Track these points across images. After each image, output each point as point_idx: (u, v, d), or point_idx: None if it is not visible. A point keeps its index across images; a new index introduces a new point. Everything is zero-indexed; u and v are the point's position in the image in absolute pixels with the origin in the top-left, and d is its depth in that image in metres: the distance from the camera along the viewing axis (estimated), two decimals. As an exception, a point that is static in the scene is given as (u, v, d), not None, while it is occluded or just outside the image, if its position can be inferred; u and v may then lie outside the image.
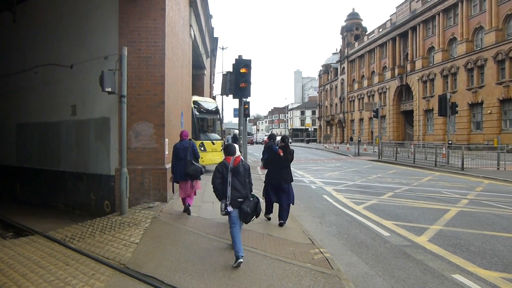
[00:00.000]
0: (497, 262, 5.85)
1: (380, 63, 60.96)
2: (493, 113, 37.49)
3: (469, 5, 41.34)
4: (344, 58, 74.33)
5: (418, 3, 49.67)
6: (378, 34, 60.70)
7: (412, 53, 51.57)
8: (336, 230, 7.90)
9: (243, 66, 9.90)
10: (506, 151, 22.48)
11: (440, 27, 45.42)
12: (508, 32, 37.09)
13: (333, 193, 12.71)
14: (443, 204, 10.44)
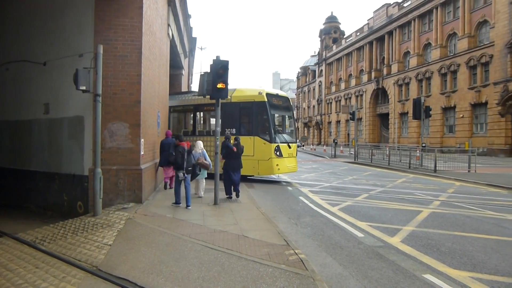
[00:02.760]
0: (466, 262, 6.01)
1: (357, 66, 61.84)
2: (465, 117, 38.53)
3: (443, 11, 42.38)
4: (322, 61, 75.08)
5: (394, 9, 50.63)
6: (355, 38, 61.57)
7: (389, 57, 52.52)
8: (311, 231, 7.96)
9: (221, 67, 9.86)
10: (477, 154, 23.17)
11: (416, 33, 46.41)
12: (480, 38, 38.20)
13: (309, 194, 12.81)
14: (416, 206, 10.66)
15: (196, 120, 18.61)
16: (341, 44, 68.12)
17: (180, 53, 22.73)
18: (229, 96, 15.61)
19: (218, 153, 10.60)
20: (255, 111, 15.59)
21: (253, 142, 15.28)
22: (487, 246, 6.83)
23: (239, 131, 15.59)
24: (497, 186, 14.97)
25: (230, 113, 15.85)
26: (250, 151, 15.09)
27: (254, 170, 15.39)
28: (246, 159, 14.58)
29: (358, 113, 40.37)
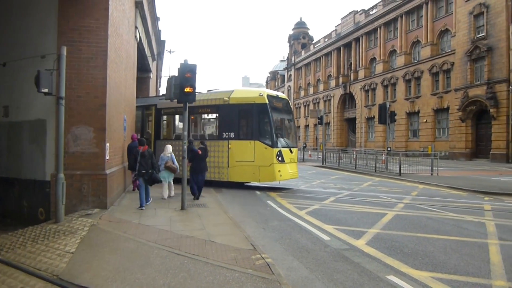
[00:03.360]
0: (427, 262, 6.18)
1: (326, 71, 62.86)
2: (428, 122, 39.82)
3: (407, 20, 43.73)
4: (291, 66, 75.88)
5: (361, 16, 51.83)
6: (323, 44, 62.59)
7: (356, 63, 53.68)
8: (278, 235, 7.99)
9: (188, 70, 9.79)
10: (439, 157, 23.96)
11: (382, 40, 47.68)
12: (441, 46, 39.63)
13: (277, 198, 12.87)
14: (381, 208, 10.90)
15: (189, 124, 16.75)
16: (309, 49, 69.10)
17: (148, 56, 22.44)
18: (226, 97, 15.10)
19: (185, 157, 10.49)
20: (255, 113, 14.69)
21: (253, 146, 14.46)
22: (447, 247, 7.05)
23: (238, 135, 14.83)
24: (457, 188, 15.51)
25: (228, 116, 15.08)
26: (250, 156, 14.46)
27: (255, 177, 14.68)
28: (246, 165, 14.54)
29: (326, 118, 40.99)
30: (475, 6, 33.64)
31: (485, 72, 32.74)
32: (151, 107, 18.44)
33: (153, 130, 18.23)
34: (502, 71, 31.18)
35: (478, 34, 33.68)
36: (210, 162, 14.69)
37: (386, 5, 46.56)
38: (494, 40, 32.02)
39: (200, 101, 15.54)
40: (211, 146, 14.90)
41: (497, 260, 6.27)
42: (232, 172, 14.81)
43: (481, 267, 5.94)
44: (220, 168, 15.01)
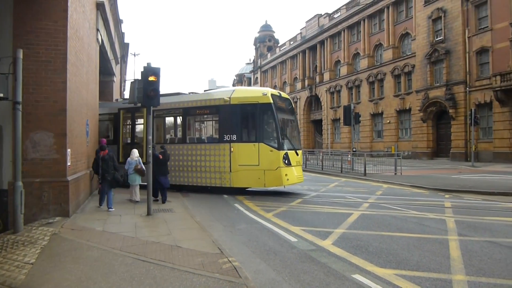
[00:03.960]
0: (391, 260, 6.33)
1: (292, 74, 63.51)
2: (391, 122, 40.92)
3: (370, 23, 44.83)
4: (257, 68, 76.23)
5: (325, 19, 52.71)
6: (289, 47, 63.22)
7: (321, 66, 54.52)
8: (246, 238, 7.98)
9: (152, 74, 9.64)
10: (402, 157, 24.65)
11: (345, 43, 48.65)
12: (403, 49, 40.86)
13: (244, 201, 12.86)
14: (347, 208, 11.09)
15: (186, 126, 16.07)
16: (275, 52, 69.69)
17: (111, 59, 21.96)
18: (227, 97, 14.26)
19: (150, 162, 10.30)
20: (259, 114, 13.88)
21: (257, 149, 13.62)
22: (410, 244, 7.25)
23: (240, 137, 13.96)
24: (419, 187, 16.00)
25: (229, 117, 14.18)
26: (254, 160, 13.62)
27: (260, 182, 13.80)
28: (250, 170, 13.73)
29: (293, 120, 41.34)
30: (434, 10, 34.90)
31: (444, 74, 33.99)
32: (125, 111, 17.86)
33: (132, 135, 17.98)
34: (459, 73, 32.46)
35: (437, 37, 34.95)
36: (210, 167, 14.39)
37: (349, 9, 47.57)
38: (452, 43, 33.30)
39: (197, 102, 15.15)
40: (210, 150, 14.46)
41: (456, 255, 6.49)
42: (235, 177, 13.96)
43: (442, 263, 6.13)
44: (222, 173, 14.21)
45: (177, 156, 15.35)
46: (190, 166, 15.03)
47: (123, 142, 17.78)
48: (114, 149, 16.25)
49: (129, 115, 17.67)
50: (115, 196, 13.08)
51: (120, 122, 17.75)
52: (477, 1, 31.58)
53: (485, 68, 31.28)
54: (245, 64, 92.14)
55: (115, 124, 18.20)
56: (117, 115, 17.98)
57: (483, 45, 31.05)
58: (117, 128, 17.89)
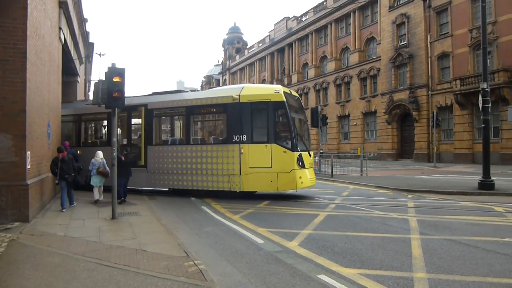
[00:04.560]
0: (356, 260, 6.43)
1: (260, 76, 63.80)
2: (357, 124, 41.78)
3: (337, 27, 45.64)
4: (226, 70, 76.17)
5: (293, 22, 53.27)
6: (258, 49, 63.52)
7: (289, 68, 55.05)
8: (213, 241, 7.92)
9: (117, 74, 9.43)
10: (368, 158, 25.21)
11: (313, 46, 49.34)
12: (369, 53, 41.82)
13: (212, 203, 12.78)
14: (314, 209, 11.21)
15: (189, 126, 14.85)
16: (244, 54, 69.86)
17: (75, 59, 21.36)
18: (236, 95, 13.42)
19: (115, 165, 10.06)
20: (271, 113, 13.16)
21: (270, 151, 12.90)
22: (374, 244, 7.39)
23: (251, 138, 13.16)
24: (384, 187, 16.38)
25: (238, 116, 13.34)
26: (266, 162, 12.89)
27: (272, 185, 13.00)
28: (262, 172, 12.96)
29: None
30: (397, 16, 35.93)
31: (407, 78, 35.03)
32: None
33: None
34: (422, 77, 33.53)
35: (401, 42, 36.00)
36: (217, 170, 13.56)
37: (317, 13, 48.28)
38: (415, 48, 34.37)
39: (202, 100, 14.34)
40: (218, 151, 13.65)
41: (418, 253, 6.66)
42: (245, 181, 13.18)
43: (404, 261, 6.28)
44: (230, 176, 13.39)
45: (179, 159, 14.42)
46: (195, 169, 14.03)
47: (118, 143, 16.79)
48: (107, 151, 15.47)
49: (125, 115, 16.33)
50: (79, 200, 12.77)
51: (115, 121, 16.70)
52: (439, 8, 32.75)
53: (446, 72, 32.47)
54: (214, 65, 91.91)
55: (109, 124, 16.61)
56: (110, 115, 16.96)
57: (444, 50, 32.23)
58: (111, 128, 16.82)
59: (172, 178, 14.54)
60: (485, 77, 14.72)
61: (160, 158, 14.82)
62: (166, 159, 14.66)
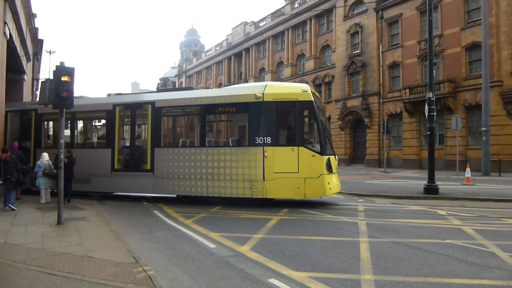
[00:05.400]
0: (306, 263, 6.51)
1: (217, 79, 63.67)
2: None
3: (293, 33, 46.40)
4: (182, 73, 75.43)
5: (251, 27, 53.63)
6: (215, 52, 63.39)
7: (246, 72, 55.28)
8: (163, 246, 7.76)
9: (65, 74, 9.06)
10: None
11: (270, 51, 49.86)
12: (324, 60, 42.80)
13: (164, 208, 12.56)
14: (267, 214, 11.26)
15: (204, 126, 13.65)
16: (201, 57, 69.54)
17: (22, 56, 20.33)
18: (259, 93, 12.36)
19: (61, 167, 9.64)
20: (298, 113, 12.29)
21: (296, 154, 11.98)
22: (325, 247, 7.53)
23: (276, 140, 12.23)
24: (337, 192, 16.72)
25: (262, 116, 12.33)
26: (293, 166, 11.99)
27: (299, 192, 12.15)
28: (287, 178, 12.08)
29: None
30: (352, 25, 37.08)
31: (360, 86, 36.18)
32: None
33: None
34: (374, 85, 34.73)
35: (354, 50, 37.14)
36: (238, 175, 12.46)
37: (274, 19, 48.88)
38: (368, 57, 35.58)
39: (220, 98, 13.19)
40: (238, 155, 12.50)
41: (366, 256, 6.85)
42: (269, 187, 12.18)
43: (352, 264, 6.43)
44: (253, 182, 12.33)
45: (192, 163, 13.13)
46: (211, 174, 12.85)
47: (119, 145, 14.88)
48: (107, 153, 14.48)
49: (128, 113, 14.94)
50: (23, 205, 12.16)
51: (116, 121, 14.78)
52: (390, 20, 34.12)
53: (396, 81, 33.84)
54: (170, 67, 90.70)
55: (109, 124, 15.17)
56: (111, 114, 14.95)
57: (394, 60, 33.59)
58: (111, 128, 14.88)
59: (183, 184, 13.27)
60: (431, 87, 15.48)
61: (169, 161, 13.47)
62: (177, 163, 13.33)
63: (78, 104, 15.50)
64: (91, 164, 14.54)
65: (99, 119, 16.51)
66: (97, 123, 17.11)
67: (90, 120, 16.80)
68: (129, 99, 15.34)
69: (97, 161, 14.64)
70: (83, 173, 14.23)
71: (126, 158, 14.68)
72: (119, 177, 14.28)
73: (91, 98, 16.68)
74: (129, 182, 14.20)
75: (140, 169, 13.99)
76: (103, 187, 14.74)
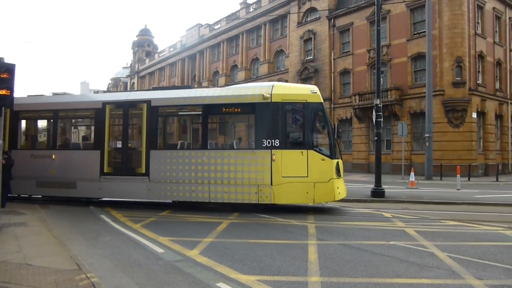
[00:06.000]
0: (255, 266, 6.53)
1: (170, 81, 62.74)
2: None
3: (248, 38, 46.67)
4: (134, 73, 73.75)
5: (206, 29, 53.39)
6: (168, 53, 62.52)
7: (200, 75, 54.93)
8: (109, 252, 7.52)
9: (4, 70, 8.57)
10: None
11: (224, 54, 49.86)
12: (277, 65, 43.36)
13: (112, 212, 12.17)
14: (218, 217, 11.20)
15: (206, 127, 12.78)
16: (154, 58, 68.29)
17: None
18: (267, 93, 11.88)
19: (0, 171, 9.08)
20: (308, 115, 11.94)
21: (306, 158, 11.59)
22: (274, 250, 7.59)
23: (285, 143, 11.74)
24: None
25: (270, 117, 11.87)
26: (302, 170, 11.57)
27: (308, 197, 11.73)
28: (296, 182, 11.62)
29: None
30: (305, 32, 37.87)
31: (312, 91, 36.92)
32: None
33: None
34: (326, 91, 35.57)
35: (307, 56, 37.94)
36: (243, 179, 11.86)
37: (229, 22, 48.95)
38: (320, 63, 36.47)
39: (224, 98, 12.53)
40: (243, 158, 11.90)
41: (314, 258, 6.98)
42: (277, 192, 11.70)
43: (300, 266, 6.53)
44: (259, 186, 11.81)
45: (193, 166, 12.34)
46: (214, 178, 12.16)
47: (109, 146, 13.64)
48: (95, 155, 13.36)
49: (120, 112, 13.73)
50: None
51: (106, 121, 13.59)
52: (342, 28, 35.20)
53: (347, 87, 34.94)
54: (122, 68, 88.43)
55: (97, 124, 13.91)
56: (100, 112, 13.74)
57: (345, 67, 34.67)
58: (100, 129, 13.68)
59: (182, 189, 12.43)
60: (379, 94, 16.11)
61: (167, 165, 12.58)
62: (175, 166, 12.48)
63: (61, 102, 14.85)
64: (76, 167, 13.54)
65: (86, 118, 15.33)
66: (84, 123, 16.01)
67: (76, 119, 15.73)
68: (121, 96, 14.46)
69: (83, 164, 13.60)
70: (67, 177, 13.39)
71: (117, 161, 13.56)
72: (109, 181, 13.24)
73: (77, 95, 15.80)
74: (120, 187, 13.19)
75: (134, 172, 13.00)
76: (90, 192, 13.67)
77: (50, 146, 14.44)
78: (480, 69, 30.18)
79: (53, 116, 14.47)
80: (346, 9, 34.56)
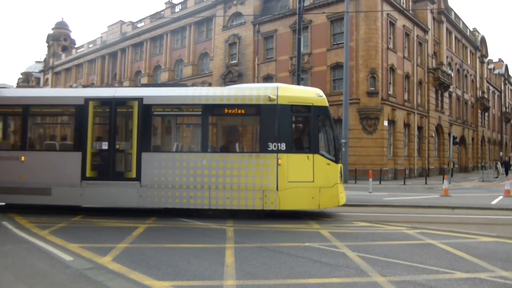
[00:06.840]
0: (170, 272, 6.39)
1: (89, 79, 59.69)
2: (189, 136, 42.52)
3: (172, 38, 45.98)
4: (49, 68, 69.00)
5: (128, 27, 51.64)
6: (88, 49, 59.50)
7: (121, 74, 52.96)
8: (10, 262, 6.89)
9: None
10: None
11: (148, 54, 48.62)
12: (202, 68, 43.23)
13: (16, 218, 11.17)
14: (133, 222, 10.81)
15: (206, 129, 11.86)
16: (71, 53, 64.52)
17: None
18: (273, 95, 11.40)
19: None
20: (314, 119, 11.56)
21: (312, 162, 11.24)
22: (191, 255, 7.49)
23: (291, 147, 11.31)
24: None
25: (276, 120, 11.34)
26: (308, 175, 11.23)
27: (314, 202, 11.37)
28: (302, 187, 11.22)
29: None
30: (230, 36, 38.17)
31: (236, 95, 37.30)
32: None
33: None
34: (249, 95, 36.12)
35: (232, 60, 38.27)
36: (247, 184, 11.24)
37: (153, 21, 47.75)
38: (244, 67, 36.95)
39: (227, 99, 11.78)
40: (247, 162, 11.35)
41: (231, 261, 7.00)
42: (283, 197, 11.22)
43: (216, 270, 6.50)
44: (264, 192, 11.26)
45: (191, 170, 11.48)
46: (214, 183, 11.42)
47: (93, 148, 12.04)
48: (76, 158, 11.74)
49: (107, 110, 12.32)
50: None
51: (89, 119, 12.05)
52: (266, 34, 36.02)
53: (269, 92, 35.70)
54: (35, 62, 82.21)
55: (79, 122, 12.27)
56: (81, 109, 12.16)
57: (269, 73, 35.51)
58: (82, 128, 12.09)
59: (179, 195, 11.53)
60: (299, 100, 16.64)
61: (162, 169, 11.59)
62: (171, 171, 11.54)
63: (34, 96, 13.22)
64: (51, 171, 11.89)
65: (64, 115, 13.72)
66: (62, 121, 14.23)
67: (52, 116, 14.01)
68: (107, 93, 13.03)
69: (60, 167, 11.93)
70: (39, 182, 11.74)
71: (102, 164, 12.01)
72: (93, 186, 11.74)
73: (53, 90, 13.80)
74: (106, 193, 11.78)
75: (122, 177, 11.79)
76: (69, 199, 11.96)
77: (18, 146, 12.65)
78: (391, 81, 32.62)
79: (23, 112, 12.65)
80: (271, 16, 35.43)
